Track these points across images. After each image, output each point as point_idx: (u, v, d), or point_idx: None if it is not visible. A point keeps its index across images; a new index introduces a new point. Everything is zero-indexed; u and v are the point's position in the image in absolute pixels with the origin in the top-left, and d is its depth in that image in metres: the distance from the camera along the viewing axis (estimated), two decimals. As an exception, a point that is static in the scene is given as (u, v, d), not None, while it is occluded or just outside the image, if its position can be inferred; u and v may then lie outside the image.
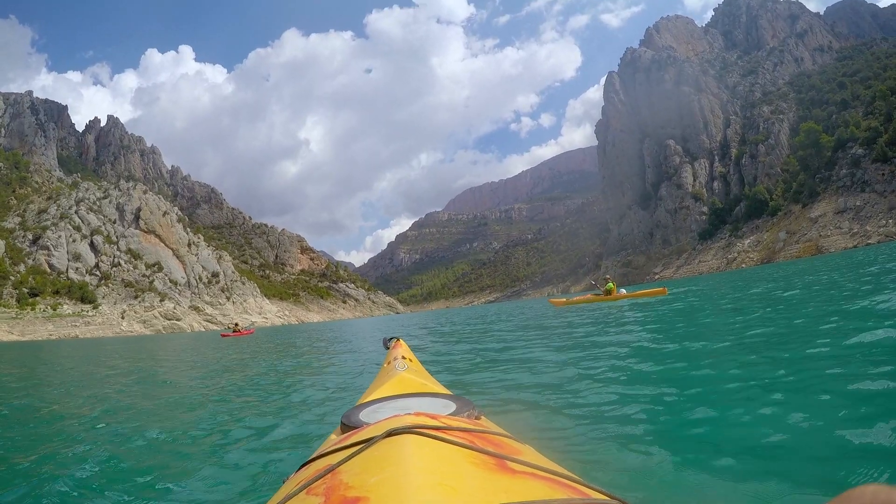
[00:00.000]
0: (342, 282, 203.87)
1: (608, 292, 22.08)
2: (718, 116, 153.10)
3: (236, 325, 46.02)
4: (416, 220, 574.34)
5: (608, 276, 24.34)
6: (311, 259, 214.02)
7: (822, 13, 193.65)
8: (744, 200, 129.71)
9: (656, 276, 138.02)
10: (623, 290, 22.31)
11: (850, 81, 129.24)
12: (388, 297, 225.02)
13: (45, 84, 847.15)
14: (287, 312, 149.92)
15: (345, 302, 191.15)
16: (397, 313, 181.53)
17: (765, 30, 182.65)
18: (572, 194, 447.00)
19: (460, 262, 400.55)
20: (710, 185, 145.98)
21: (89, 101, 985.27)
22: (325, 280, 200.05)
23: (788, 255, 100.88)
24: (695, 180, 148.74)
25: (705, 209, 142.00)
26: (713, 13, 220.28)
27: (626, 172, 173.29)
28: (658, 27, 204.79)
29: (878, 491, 0.45)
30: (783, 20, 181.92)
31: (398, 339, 3.22)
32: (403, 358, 2.68)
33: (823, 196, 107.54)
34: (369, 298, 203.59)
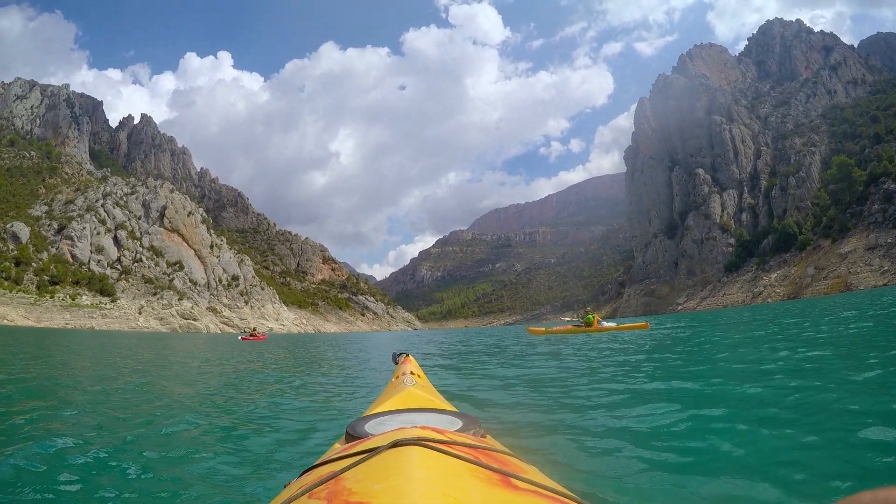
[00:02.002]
0: (362, 294, 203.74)
1: (588, 324, 22.36)
2: (749, 147, 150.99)
3: (254, 329, 46.79)
4: (440, 237, 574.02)
5: (589, 308, 24.38)
6: (333, 269, 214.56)
7: (855, 46, 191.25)
8: (772, 233, 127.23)
9: (679, 308, 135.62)
10: (604, 323, 22.76)
11: (884, 115, 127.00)
12: (406, 313, 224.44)
13: (85, 80, 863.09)
14: (304, 321, 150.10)
15: (363, 314, 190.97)
16: (415, 329, 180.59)
17: (798, 61, 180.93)
18: (598, 220, 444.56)
19: (482, 282, 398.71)
20: (739, 216, 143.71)
21: (128, 99, 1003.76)
22: (345, 291, 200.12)
23: (816, 291, 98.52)
24: (723, 211, 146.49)
25: (732, 241, 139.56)
26: (747, 42, 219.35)
27: (654, 200, 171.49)
28: (691, 55, 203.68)
29: (877, 494, 0.45)
30: (817, 52, 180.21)
31: (407, 355, 3.33)
32: (412, 373, 2.71)
33: (854, 231, 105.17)
34: (388, 313, 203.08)
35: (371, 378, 9.13)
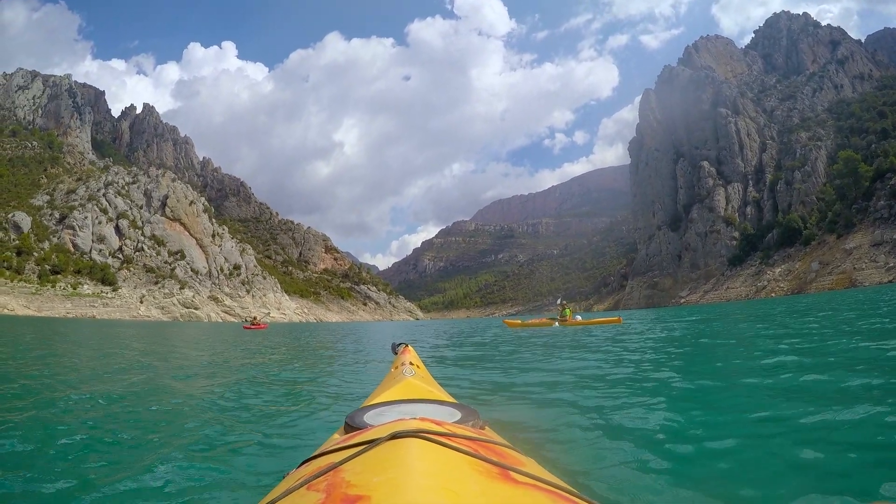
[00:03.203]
0: (364, 284, 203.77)
1: (563, 318, 22.63)
2: (755, 140, 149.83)
3: (255, 318, 46.88)
4: (444, 227, 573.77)
5: (564, 302, 24.65)
6: (335, 259, 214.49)
7: (862, 41, 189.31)
8: (776, 227, 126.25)
9: (682, 301, 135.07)
10: (578, 317, 23.19)
11: (891, 111, 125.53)
12: (408, 303, 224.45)
13: (89, 71, 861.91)
14: (306, 310, 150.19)
15: (365, 304, 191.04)
16: (417, 319, 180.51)
17: (805, 54, 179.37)
18: (601, 212, 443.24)
19: (484, 273, 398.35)
20: (743, 209, 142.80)
21: (132, 89, 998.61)
22: (347, 281, 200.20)
23: (820, 286, 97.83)
24: (727, 204, 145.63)
25: (736, 234, 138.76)
26: (753, 35, 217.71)
27: (658, 192, 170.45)
28: (697, 46, 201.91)
29: None
30: (824, 46, 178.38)
31: (406, 345, 3.37)
32: (411, 364, 2.71)
33: (859, 227, 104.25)
34: (390, 302, 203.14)
35: (370, 367, 9.13)
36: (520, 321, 25.16)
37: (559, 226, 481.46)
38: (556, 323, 22.54)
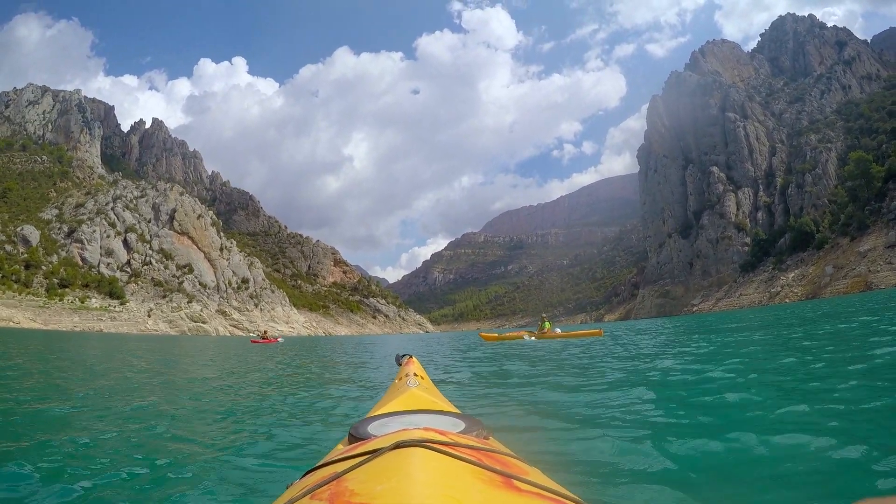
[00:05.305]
0: (373, 297, 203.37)
1: (542, 331, 22.29)
2: (764, 144, 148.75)
3: (265, 332, 46.47)
4: (453, 239, 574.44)
5: (544, 316, 24.54)
6: (344, 272, 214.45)
7: (868, 41, 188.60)
8: (789, 232, 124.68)
9: (695, 309, 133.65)
10: (557, 330, 22.84)
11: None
12: (418, 315, 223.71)
13: (101, 87, 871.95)
14: (315, 324, 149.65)
15: (374, 317, 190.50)
16: (426, 332, 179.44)
17: (812, 56, 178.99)
18: (610, 221, 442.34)
19: (494, 284, 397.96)
20: (754, 214, 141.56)
21: (144, 105, 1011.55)
22: (357, 294, 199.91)
23: (835, 290, 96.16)
24: (738, 209, 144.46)
25: (748, 240, 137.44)
26: (760, 38, 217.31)
27: (668, 199, 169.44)
28: (704, 51, 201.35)
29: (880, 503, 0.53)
30: (830, 47, 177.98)
31: (411, 357, 3.34)
32: (415, 375, 2.71)
33: (873, 229, 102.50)
34: (399, 315, 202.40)
35: (375, 379, 9.19)
36: (496, 335, 24.89)
37: (569, 236, 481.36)
38: (527, 336, 22.11)
